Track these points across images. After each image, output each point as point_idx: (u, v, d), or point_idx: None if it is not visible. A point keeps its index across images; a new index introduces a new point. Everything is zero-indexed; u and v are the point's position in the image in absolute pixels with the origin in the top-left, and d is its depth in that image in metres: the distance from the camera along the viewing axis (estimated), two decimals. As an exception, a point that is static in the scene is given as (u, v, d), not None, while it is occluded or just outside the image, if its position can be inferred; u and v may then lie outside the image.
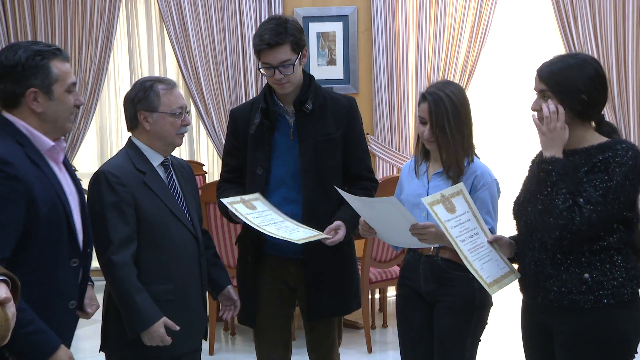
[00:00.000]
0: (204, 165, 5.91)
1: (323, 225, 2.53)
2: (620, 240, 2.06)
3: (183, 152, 6.01)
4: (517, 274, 2.20)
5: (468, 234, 2.21)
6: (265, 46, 2.48)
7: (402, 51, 5.69)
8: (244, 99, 5.72)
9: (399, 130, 5.72)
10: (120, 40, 5.94)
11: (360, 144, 2.69)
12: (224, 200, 2.47)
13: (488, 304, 2.43)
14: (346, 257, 2.71)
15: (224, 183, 2.70)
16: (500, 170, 5.18)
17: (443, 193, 2.25)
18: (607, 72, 5.56)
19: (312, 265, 2.60)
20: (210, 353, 4.18)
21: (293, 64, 2.50)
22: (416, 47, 5.70)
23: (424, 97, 2.40)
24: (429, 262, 2.46)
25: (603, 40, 5.58)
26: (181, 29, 5.77)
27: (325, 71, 5.56)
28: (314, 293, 2.62)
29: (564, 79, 2.04)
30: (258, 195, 2.54)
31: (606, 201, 1.97)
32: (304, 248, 2.56)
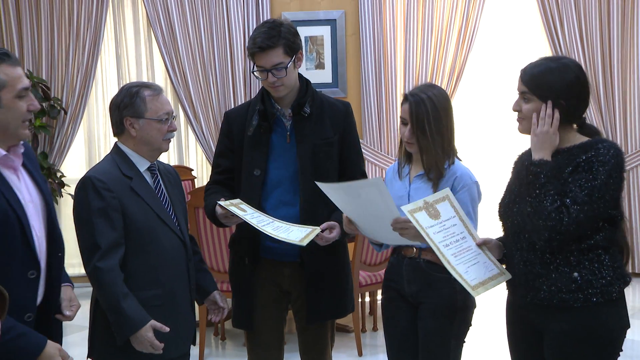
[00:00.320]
0: (192, 170, 5.90)
1: None
2: (606, 238, 2.09)
3: (172, 157, 6.00)
4: (507, 275, 2.21)
5: (453, 239, 2.21)
6: (258, 49, 2.49)
7: (390, 55, 5.72)
8: (233, 104, 5.72)
9: (387, 133, 5.74)
10: (107, 44, 5.92)
11: (356, 148, 2.71)
12: (223, 203, 2.46)
13: (471, 305, 2.44)
14: (342, 260, 2.71)
15: (213, 185, 2.69)
16: (487, 172, 5.23)
17: (426, 200, 2.26)
18: (593, 73, 5.62)
19: (310, 268, 2.60)
20: (201, 358, 4.16)
21: (286, 67, 2.51)
22: (404, 51, 5.72)
23: (406, 98, 2.44)
24: (412, 264, 2.48)
25: (588, 42, 5.63)
26: (169, 33, 5.76)
27: (314, 75, 5.56)
28: (313, 295, 2.62)
29: (543, 83, 2.08)
30: (239, 200, 2.54)
31: (592, 200, 2.00)
32: (302, 251, 2.56)
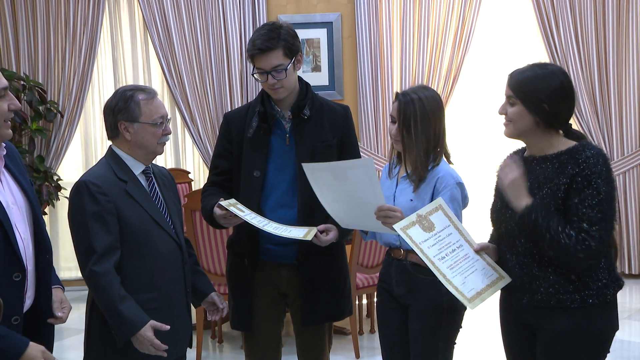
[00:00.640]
0: (189, 172, 5.90)
1: None
2: None
3: (168, 160, 6.00)
4: (507, 279, 2.20)
5: (449, 249, 2.21)
6: (257, 51, 2.50)
7: (387, 57, 5.72)
8: (229, 107, 5.73)
9: (384, 135, 5.75)
10: (104, 47, 5.92)
11: (355, 151, 2.72)
12: (224, 203, 2.46)
13: (460, 307, 2.43)
14: (339, 263, 2.71)
15: (211, 187, 2.69)
16: (483, 174, 5.23)
17: (419, 213, 2.25)
18: (589, 75, 5.65)
19: (307, 270, 2.60)
20: (197, 361, 4.17)
21: (285, 69, 2.52)
22: (400, 53, 5.73)
23: (397, 97, 2.48)
24: (399, 266, 2.49)
25: (584, 44, 5.65)
26: (165, 36, 5.76)
27: (310, 77, 5.57)
28: (309, 298, 2.62)
29: (528, 88, 2.12)
30: (235, 200, 2.54)
31: (605, 215, 2.05)
32: (299, 253, 2.57)
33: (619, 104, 5.67)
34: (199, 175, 6.04)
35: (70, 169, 5.97)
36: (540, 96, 2.10)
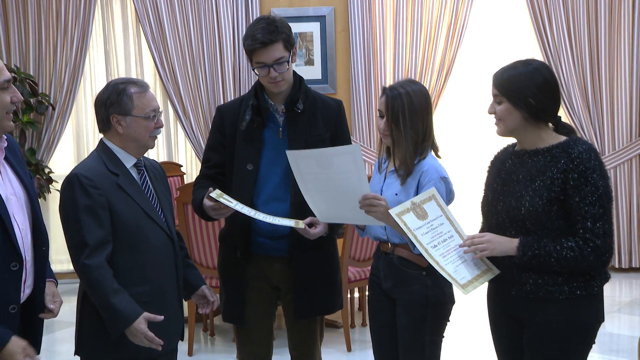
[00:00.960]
0: (182, 166, 5.89)
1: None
2: None
3: (161, 153, 5.99)
4: (496, 271, 2.23)
5: (441, 239, 2.23)
6: (260, 45, 2.49)
7: (380, 51, 5.73)
8: (222, 100, 5.72)
9: (376, 129, 5.75)
10: (96, 40, 5.89)
11: None
12: (213, 194, 2.45)
13: (446, 301, 2.45)
14: (330, 257, 2.72)
15: (202, 180, 2.69)
16: (474, 167, 5.25)
17: (414, 200, 2.27)
18: (581, 70, 5.67)
19: (299, 263, 2.60)
20: (190, 354, 4.17)
21: (287, 61, 2.53)
22: (393, 47, 5.74)
23: (384, 91, 2.48)
24: (387, 260, 2.51)
25: (577, 39, 5.67)
26: (158, 29, 5.74)
27: (303, 71, 5.53)
28: (301, 291, 2.63)
29: (512, 85, 2.16)
30: (220, 191, 2.53)
31: (605, 209, 2.10)
32: (290, 246, 2.58)
33: (611, 99, 5.70)
34: (191, 169, 6.03)
35: (62, 162, 5.95)
36: (525, 92, 2.14)
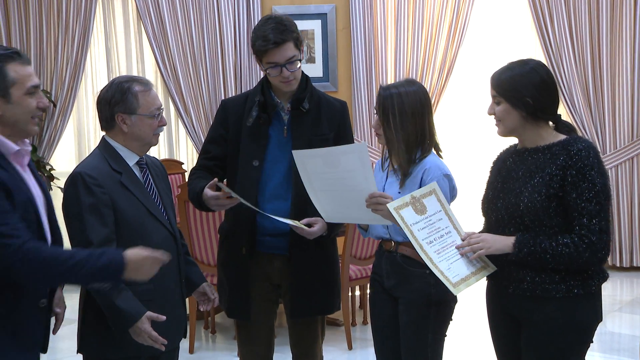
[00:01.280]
0: (183, 163, 5.89)
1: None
2: None
3: (162, 151, 5.99)
4: (492, 268, 2.24)
5: (438, 234, 2.24)
6: (273, 45, 2.50)
7: (381, 49, 5.72)
8: (223, 97, 5.72)
9: (378, 127, 5.76)
10: (97, 38, 5.89)
11: None
12: (221, 185, 2.44)
13: (449, 300, 2.45)
14: (330, 257, 2.72)
15: (200, 171, 2.67)
16: (476, 167, 5.25)
17: (413, 194, 2.27)
18: (583, 69, 5.67)
19: (298, 262, 2.60)
20: (191, 352, 4.18)
21: (299, 60, 2.55)
22: (395, 45, 5.73)
23: (379, 90, 2.51)
24: (390, 258, 2.51)
25: (578, 38, 5.67)
26: (159, 26, 5.74)
27: (304, 69, 5.47)
28: (299, 291, 2.63)
29: (509, 85, 2.19)
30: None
31: (602, 205, 2.10)
32: (290, 245, 2.57)
33: (612, 98, 5.70)
34: (192, 166, 6.02)
35: (63, 159, 5.96)
36: (522, 92, 2.16)
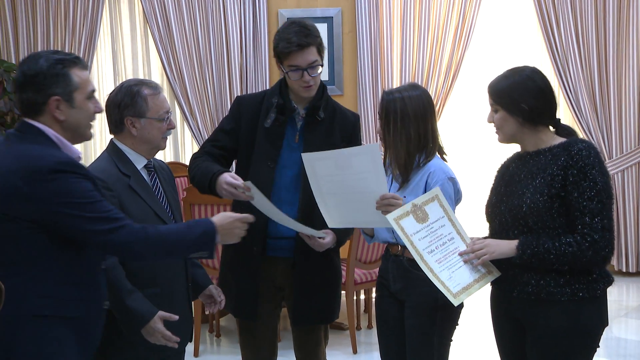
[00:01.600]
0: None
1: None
2: None
3: (168, 154, 5.99)
4: (496, 273, 2.23)
5: (440, 242, 2.23)
6: (296, 48, 2.48)
7: (387, 53, 5.72)
8: (229, 100, 5.72)
9: (383, 131, 5.75)
10: (103, 41, 5.91)
11: None
12: (251, 185, 2.34)
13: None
14: (334, 265, 2.71)
15: (205, 155, 2.61)
16: (482, 169, 5.25)
17: (415, 202, 2.25)
18: (589, 72, 5.66)
19: (301, 269, 2.59)
20: (195, 355, 4.18)
21: (321, 65, 2.54)
22: (400, 49, 5.73)
23: (382, 94, 2.51)
24: (396, 262, 2.51)
25: (584, 41, 5.66)
26: (165, 30, 5.75)
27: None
28: (302, 298, 2.62)
29: (505, 93, 2.22)
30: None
31: (604, 204, 2.11)
32: (295, 249, 2.57)
33: (619, 102, 5.69)
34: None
35: (69, 162, 5.96)
36: (517, 99, 2.19)
